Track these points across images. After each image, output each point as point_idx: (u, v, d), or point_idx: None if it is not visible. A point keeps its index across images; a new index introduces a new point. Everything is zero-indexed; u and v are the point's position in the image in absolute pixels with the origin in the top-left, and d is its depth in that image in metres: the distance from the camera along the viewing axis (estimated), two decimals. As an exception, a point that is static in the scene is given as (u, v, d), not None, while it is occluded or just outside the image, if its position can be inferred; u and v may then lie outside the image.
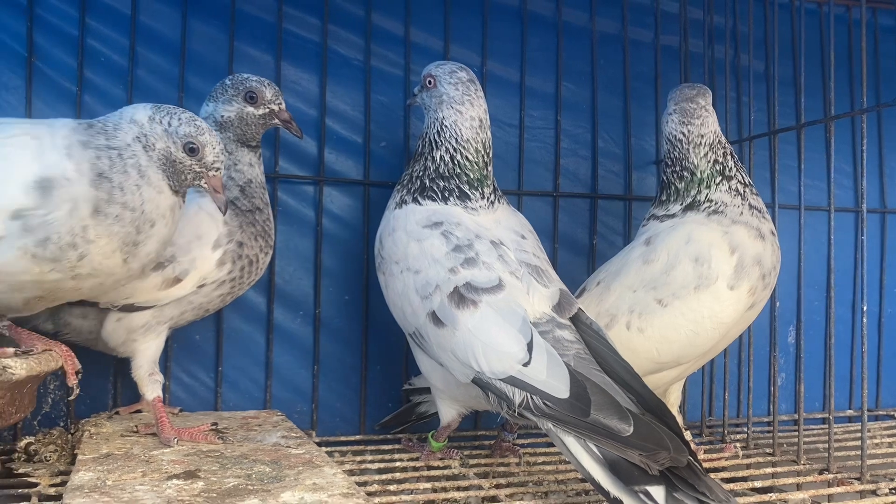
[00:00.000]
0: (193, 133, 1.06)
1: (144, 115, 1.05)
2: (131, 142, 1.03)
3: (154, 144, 1.04)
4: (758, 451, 1.44)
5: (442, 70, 1.29)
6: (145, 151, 1.03)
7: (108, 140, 1.02)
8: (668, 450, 0.90)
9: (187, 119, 1.06)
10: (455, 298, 1.09)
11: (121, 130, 1.03)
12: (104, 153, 1.00)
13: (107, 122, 1.04)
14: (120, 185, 1.00)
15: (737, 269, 1.24)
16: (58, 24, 1.44)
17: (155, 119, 1.05)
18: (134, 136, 1.03)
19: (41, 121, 1.05)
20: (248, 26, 1.53)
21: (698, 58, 1.74)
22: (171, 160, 1.05)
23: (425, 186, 1.25)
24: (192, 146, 1.06)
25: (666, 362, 1.28)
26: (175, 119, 1.06)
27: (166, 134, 1.05)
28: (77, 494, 0.90)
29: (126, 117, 1.05)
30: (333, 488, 0.93)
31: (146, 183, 1.02)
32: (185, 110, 1.08)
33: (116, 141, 1.02)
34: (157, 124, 1.05)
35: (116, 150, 1.01)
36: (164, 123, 1.05)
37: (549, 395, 0.97)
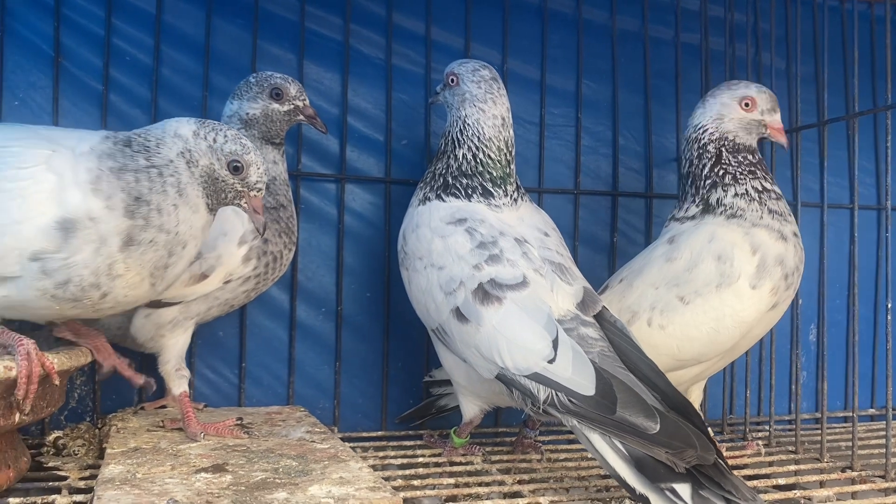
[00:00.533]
0: (239, 151, 1.03)
1: (189, 129, 1.02)
2: (174, 157, 1.00)
3: (198, 161, 1.01)
4: (780, 449, 1.44)
5: (465, 68, 1.29)
6: (188, 168, 1.00)
7: (150, 158, 0.99)
8: (694, 448, 0.90)
9: (233, 136, 1.04)
10: (479, 295, 1.10)
11: (164, 146, 1.00)
12: (143, 174, 0.97)
13: (148, 137, 1.01)
14: (157, 207, 0.97)
15: (759, 269, 1.24)
16: (84, 23, 1.46)
17: (200, 134, 1.02)
18: (178, 151, 1.00)
19: (65, 136, 1.00)
20: (272, 25, 1.54)
21: (719, 55, 1.74)
22: (213, 177, 1.02)
23: (448, 184, 1.26)
24: (237, 164, 1.03)
25: (686, 360, 1.28)
26: (220, 136, 1.03)
27: (211, 150, 1.02)
28: (109, 487, 0.91)
29: (170, 131, 1.02)
30: (360, 482, 0.94)
31: (183, 202, 0.99)
32: (231, 127, 1.06)
33: (158, 158, 0.99)
34: (202, 140, 1.02)
35: (157, 168, 0.98)
36: (208, 139, 1.02)
37: (575, 392, 0.97)
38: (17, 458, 1.07)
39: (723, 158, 1.32)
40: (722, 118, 1.33)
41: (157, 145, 1.00)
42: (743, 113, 1.32)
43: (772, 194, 1.30)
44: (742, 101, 1.32)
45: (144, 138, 1.01)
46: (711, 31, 1.75)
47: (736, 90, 1.33)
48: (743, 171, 1.31)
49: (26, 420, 1.02)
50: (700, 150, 1.33)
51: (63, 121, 1.43)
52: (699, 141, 1.34)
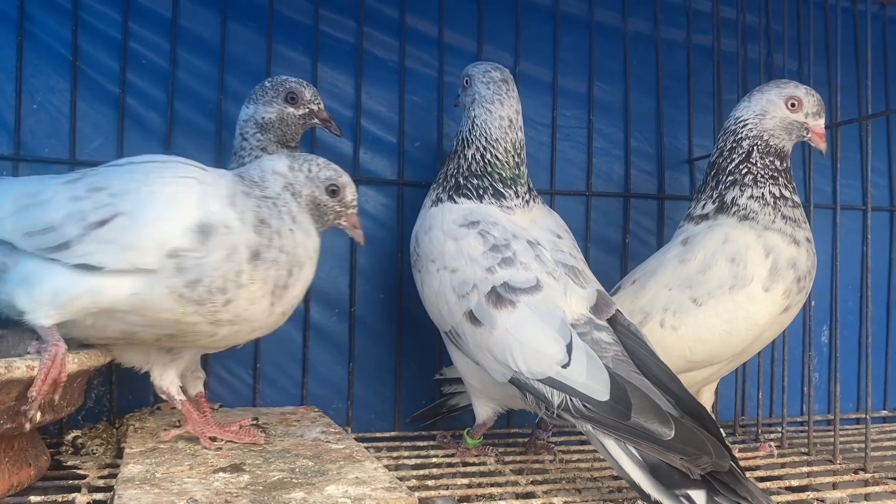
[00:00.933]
0: (333, 176, 1.13)
1: (283, 165, 1.11)
2: (280, 191, 1.09)
3: (300, 191, 1.10)
4: (792, 451, 1.44)
5: (477, 69, 1.30)
6: (294, 198, 1.10)
7: (263, 191, 1.08)
8: (709, 454, 0.91)
9: (324, 164, 1.13)
10: (492, 298, 1.10)
11: (269, 182, 1.09)
12: (263, 202, 1.07)
13: (252, 175, 1.11)
14: (278, 231, 1.06)
15: (771, 272, 1.24)
16: (101, 27, 1.47)
17: (294, 168, 1.11)
18: (282, 185, 1.10)
19: (207, 168, 1.11)
20: (286, 28, 1.55)
21: (731, 57, 1.74)
22: (316, 203, 1.12)
23: (460, 185, 1.27)
24: (334, 188, 1.12)
25: (698, 361, 1.28)
26: (314, 166, 1.12)
27: (308, 180, 1.11)
28: (129, 486, 0.93)
29: (268, 170, 1.11)
30: (376, 482, 0.95)
31: (298, 227, 1.09)
32: (318, 157, 1.15)
33: (269, 191, 1.08)
34: (299, 172, 1.11)
35: (271, 199, 1.08)
36: (304, 171, 1.11)
37: (589, 398, 0.98)
38: (38, 456, 1.09)
39: (751, 157, 1.31)
40: (764, 114, 1.31)
41: (262, 180, 1.10)
42: (787, 112, 1.30)
43: (788, 202, 1.30)
44: (789, 100, 1.30)
45: (250, 176, 1.11)
46: (723, 33, 1.75)
47: (784, 89, 1.31)
48: (765, 174, 1.30)
49: (47, 419, 1.03)
50: (734, 144, 1.32)
51: (81, 123, 1.45)
52: (736, 134, 1.32)
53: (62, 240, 1.01)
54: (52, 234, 1.02)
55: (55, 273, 1.02)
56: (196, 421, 1.14)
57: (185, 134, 1.50)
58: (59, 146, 1.44)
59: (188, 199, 1.03)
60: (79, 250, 1.01)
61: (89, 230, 1.01)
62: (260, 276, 1.04)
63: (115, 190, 1.03)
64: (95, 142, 1.46)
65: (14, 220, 1.06)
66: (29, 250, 1.04)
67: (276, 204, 1.08)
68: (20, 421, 0.98)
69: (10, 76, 1.42)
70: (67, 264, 1.01)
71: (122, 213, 1.01)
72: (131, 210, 1.01)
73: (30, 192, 1.08)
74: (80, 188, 1.05)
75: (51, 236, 1.02)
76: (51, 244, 1.02)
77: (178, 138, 1.50)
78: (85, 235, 1.01)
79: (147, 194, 1.03)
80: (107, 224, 1.01)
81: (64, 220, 1.02)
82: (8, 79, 1.42)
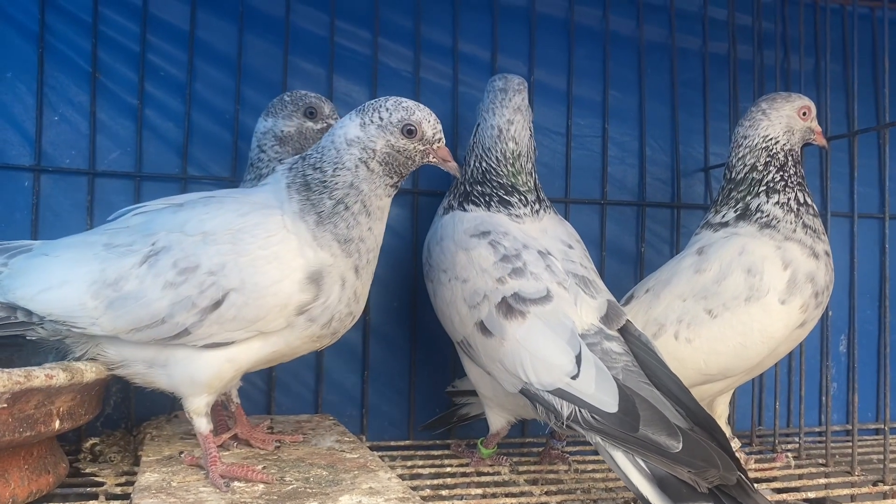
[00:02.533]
0: (405, 116, 1.02)
1: (354, 126, 1.02)
2: (352, 175, 1.00)
3: (374, 149, 1.00)
4: (810, 462, 1.43)
5: (491, 78, 1.32)
6: (367, 169, 1.01)
7: (332, 195, 1.00)
8: (717, 467, 0.90)
9: (393, 105, 1.02)
10: (503, 309, 1.11)
11: (341, 170, 1.01)
12: (336, 217, 1.00)
13: (324, 167, 1.02)
14: (360, 237, 1.02)
15: (789, 285, 1.23)
16: (120, 40, 1.50)
17: (365, 123, 1.01)
18: (355, 161, 1.01)
19: (259, 195, 1.06)
20: (302, 40, 1.57)
21: (747, 64, 1.73)
22: (394, 152, 1.02)
23: (467, 192, 1.29)
24: (410, 128, 1.02)
25: (713, 374, 1.27)
26: (383, 111, 1.02)
27: (381, 130, 1.01)
28: (145, 495, 0.94)
29: (341, 142, 1.01)
30: (389, 493, 0.96)
31: (372, 219, 1.03)
32: (387, 98, 1.04)
33: (339, 191, 1.00)
34: (371, 126, 1.01)
35: (343, 203, 1.01)
36: (375, 121, 1.01)
37: (598, 409, 0.98)
38: (57, 463, 1.10)
39: (787, 167, 1.33)
40: (791, 130, 1.35)
41: (333, 175, 1.01)
42: (802, 122, 1.35)
43: (810, 209, 1.31)
44: (800, 110, 1.35)
45: (321, 172, 1.02)
46: (739, 40, 1.74)
47: (794, 101, 1.36)
48: (793, 182, 1.32)
49: (66, 427, 1.05)
50: (769, 158, 1.34)
51: (100, 135, 1.48)
52: (769, 150, 1.34)
53: (178, 329, 0.99)
54: (164, 325, 0.99)
55: (186, 358, 1.02)
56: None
57: (201, 144, 1.52)
58: (79, 157, 1.47)
59: (289, 254, 0.99)
60: (200, 333, 0.99)
61: (205, 314, 0.98)
62: (364, 282, 1.05)
63: (209, 266, 0.99)
64: (114, 153, 1.49)
65: (111, 320, 1.01)
66: (143, 342, 1.01)
67: (349, 206, 1.00)
68: (39, 429, 0.99)
69: (32, 88, 1.44)
70: (195, 347, 1.01)
71: (232, 289, 0.98)
72: (241, 285, 0.98)
73: (101, 280, 1.01)
74: (166, 270, 1.00)
75: (164, 328, 0.99)
76: (167, 334, 1.00)
77: (194, 149, 1.51)
78: (202, 320, 0.98)
79: (248, 263, 0.99)
80: (221, 304, 0.98)
81: (171, 311, 0.99)
82: (29, 91, 1.45)
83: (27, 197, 1.43)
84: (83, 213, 1.45)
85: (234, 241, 1.00)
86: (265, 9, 1.56)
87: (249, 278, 0.98)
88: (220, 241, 1.00)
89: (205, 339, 1.00)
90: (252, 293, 0.98)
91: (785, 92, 1.40)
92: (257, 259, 0.99)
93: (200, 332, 0.99)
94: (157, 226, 1.05)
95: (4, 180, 1.43)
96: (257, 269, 0.99)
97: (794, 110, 1.35)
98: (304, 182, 1.02)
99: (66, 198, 1.46)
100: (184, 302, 0.98)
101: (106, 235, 1.08)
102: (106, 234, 1.08)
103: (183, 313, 0.98)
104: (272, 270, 0.99)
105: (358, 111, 1.04)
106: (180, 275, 0.99)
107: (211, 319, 0.98)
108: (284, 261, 0.99)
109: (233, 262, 0.99)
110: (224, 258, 0.99)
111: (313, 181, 1.02)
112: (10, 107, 1.44)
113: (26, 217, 1.43)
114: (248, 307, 0.98)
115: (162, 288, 0.99)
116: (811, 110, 1.36)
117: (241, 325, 0.99)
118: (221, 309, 0.98)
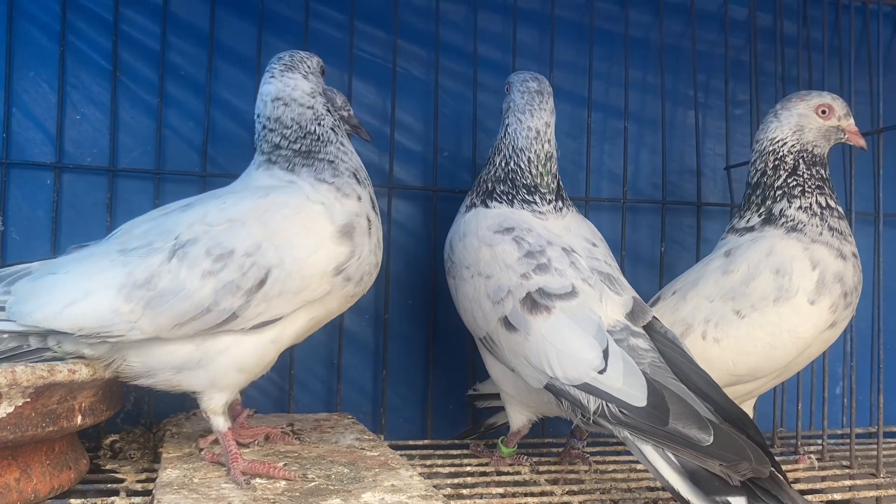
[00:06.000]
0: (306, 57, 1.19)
1: (303, 81, 1.15)
2: (326, 123, 1.15)
3: (320, 90, 1.17)
4: (834, 464, 1.41)
5: (517, 77, 1.31)
6: (327, 109, 1.16)
7: (325, 145, 1.12)
8: (749, 460, 0.89)
9: (307, 55, 1.18)
10: (528, 304, 1.10)
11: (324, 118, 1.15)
12: (341, 153, 1.12)
13: (311, 130, 1.12)
14: (360, 164, 1.15)
15: (818, 285, 1.22)
16: (141, 39, 1.50)
17: (307, 75, 1.16)
18: (323, 107, 1.16)
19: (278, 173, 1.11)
20: (321, 41, 1.56)
21: (768, 64, 1.72)
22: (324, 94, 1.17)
23: (490, 190, 1.28)
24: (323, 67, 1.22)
25: (741, 375, 1.25)
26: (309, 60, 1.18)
27: (315, 77, 1.18)
28: (167, 491, 0.94)
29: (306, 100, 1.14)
30: (412, 490, 0.95)
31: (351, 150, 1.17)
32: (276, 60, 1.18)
33: (325, 139, 1.13)
34: (311, 75, 1.16)
35: (334, 144, 1.13)
36: (313, 69, 1.18)
37: (626, 403, 0.97)
38: (77, 460, 1.11)
39: (799, 170, 1.31)
40: (802, 129, 1.32)
41: (320, 125, 1.13)
42: (821, 121, 1.31)
43: (834, 212, 1.29)
44: (819, 108, 1.32)
45: (312, 133, 1.12)
46: (760, 40, 1.73)
47: (811, 100, 1.32)
48: (812, 184, 1.30)
49: (87, 423, 1.05)
50: (777, 162, 1.32)
51: (120, 133, 1.48)
52: (776, 153, 1.32)
53: (226, 315, 0.99)
54: (209, 314, 0.99)
55: (233, 345, 1.03)
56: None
57: (220, 143, 1.52)
58: (100, 156, 1.47)
59: (318, 222, 1.04)
60: (249, 314, 1.00)
61: (251, 295, 0.99)
62: (376, 226, 1.11)
63: (245, 249, 1.00)
64: (135, 151, 1.49)
65: (151, 319, 0.99)
66: (188, 336, 1.01)
67: (343, 145, 1.13)
68: (61, 424, 0.99)
69: (54, 87, 1.45)
70: (243, 330, 1.02)
71: (273, 266, 1.00)
72: (280, 261, 1.00)
73: (131, 282, 1.00)
74: (200, 261, 1.00)
75: (210, 317, 0.99)
76: (214, 322, 1.00)
77: (214, 147, 1.52)
78: (249, 301, 1.00)
79: (283, 241, 1.01)
80: (266, 282, 1.00)
81: (216, 298, 0.99)
82: (51, 89, 1.45)
83: (49, 194, 1.44)
84: (103, 210, 1.45)
85: (263, 223, 1.02)
86: (284, 10, 1.56)
87: (287, 253, 1.01)
88: (248, 223, 1.02)
89: (253, 320, 1.01)
90: (293, 266, 1.01)
91: (806, 90, 1.38)
92: (291, 235, 1.02)
93: (248, 312, 1.00)
94: (171, 224, 1.04)
95: (27, 178, 1.44)
96: (293, 244, 1.02)
97: (809, 108, 1.32)
98: (302, 152, 1.10)
99: (87, 195, 1.46)
100: (228, 287, 0.99)
101: (115, 243, 1.06)
102: (115, 243, 1.06)
103: (228, 297, 0.99)
104: (308, 241, 1.03)
105: (287, 68, 1.14)
106: (217, 262, 1.00)
107: (258, 298, 1.00)
108: (316, 229, 1.03)
109: (268, 241, 1.01)
110: (257, 239, 1.01)
111: (311, 145, 1.10)
112: (33, 105, 1.45)
113: (47, 214, 1.43)
114: (292, 279, 1.01)
115: (201, 277, 0.99)
116: (833, 108, 1.31)
117: (287, 299, 1.01)
118: (266, 287, 1.00)
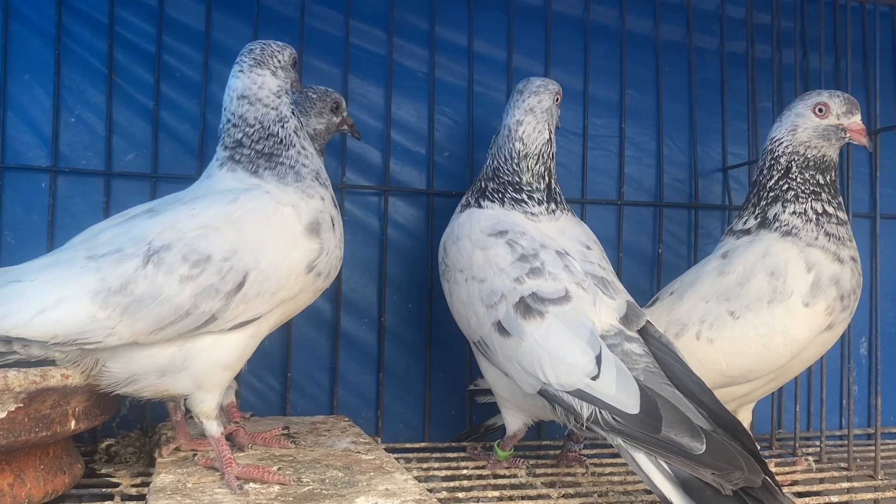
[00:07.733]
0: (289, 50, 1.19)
1: (271, 79, 1.14)
2: (292, 125, 1.15)
3: (287, 89, 1.18)
4: (831, 466, 1.40)
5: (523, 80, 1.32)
6: (290, 110, 1.16)
7: (287, 148, 1.13)
8: (741, 469, 0.89)
9: (280, 46, 1.19)
10: (521, 308, 1.09)
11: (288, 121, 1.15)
12: (302, 156, 1.13)
13: (274, 132, 1.12)
14: (320, 166, 1.16)
15: (813, 287, 1.21)
16: (136, 41, 1.50)
17: (275, 70, 1.16)
18: (288, 109, 1.16)
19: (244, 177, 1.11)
20: (317, 40, 1.56)
21: (765, 63, 1.71)
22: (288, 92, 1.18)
23: (483, 188, 1.28)
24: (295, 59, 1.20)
25: (734, 376, 1.25)
26: (279, 55, 1.17)
27: (285, 71, 1.17)
28: (160, 496, 0.93)
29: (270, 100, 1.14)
30: (406, 494, 0.95)
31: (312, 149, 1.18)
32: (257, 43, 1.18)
33: (287, 140, 1.14)
34: (279, 70, 1.17)
35: (295, 147, 1.13)
36: (284, 60, 1.18)
37: (619, 410, 0.96)
38: (72, 464, 1.10)
39: (791, 173, 1.29)
40: (796, 129, 1.29)
41: (283, 127, 1.13)
42: (817, 120, 1.28)
43: (832, 218, 1.27)
44: (815, 107, 1.28)
45: (273, 135, 1.12)
46: (757, 39, 1.72)
47: (808, 98, 1.30)
48: (806, 190, 1.28)
49: (81, 427, 1.05)
50: (772, 162, 1.31)
51: (116, 136, 1.48)
52: (773, 153, 1.31)
53: (205, 318, 1.00)
54: (189, 318, 0.99)
55: (212, 344, 1.03)
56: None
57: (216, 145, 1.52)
58: (95, 158, 1.47)
59: (290, 225, 1.06)
60: (228, 316, 1.01)
61: (230, 297, 1.01)
62: (340, 217, 1.14)
63: (222, 254, 1.01)
64: (130, 154, 1.49)
65: (129, 325, 0.98)
66: (165, 340, 1.01)
67: (304, 148, 1.13)
68: (55, 429, 0.99)
69: (49, 90, 1.45)
70: (222, 331, 1.03)
71: (250, 269, 1.02)
72: (257, 263, 1.02)
73: (105, 289, 0.98)
74: (177, 266, 0.99)
75: (189, 320, 1.00)
76: (193, 325, 1.00)
77: (210, 150, 1.51)
78: (228, 303, 1.01)
79: (258, 244, 1.03)
80: (244, 284, 1.01)
81: (196, 302, 0.99)
82: (46, 92, 1.45)
83: (44, 198, 1.44)
84: (99, 213, 1.45)
85: (237, 228, 1.03)
86: (280, 9, 1.56)
87: (263, 256, 1.03)
88: (222, 229, 1.03)
89: (232, 321, 1.02)
90: (269, 268, 1.03)
91: (810, 90, 1.35)
92: (265, 238, 1.04)
93: (227, 314, 1.02)
94: (142, 230, 1.03)
95: (22, 181, 1.44)
96: (268, 247, 1.04)
97: (806, 108, 1.29)
98: (265, 154, 1.11)
99: (83, 199, 1.46)
100: (207, 290, 1.00)
101: (82, 250, 1.03)
102: (81, 249, 1.03)
103: (208, 301, 1.00)
104: (281, 243, 1.05)
105: (257, 63, 1.14)
106: (194, 267, 1.00)
107: (237, 300, 1.01)
108: (288, 231, 1.06)
109: (243, 245, 1.03)
110: (233, 244, 1.02)
111: (272, 147, 1.11)
112: (28, 108, 1.45)
113: (43, 218, 1.43)
114: (269, 280, 1.03)
115: (179, 282, 0.99)
116: (829, 106, 1.27)
117: (265, 299, 1.03)
118: (244, 289, 1.02)
